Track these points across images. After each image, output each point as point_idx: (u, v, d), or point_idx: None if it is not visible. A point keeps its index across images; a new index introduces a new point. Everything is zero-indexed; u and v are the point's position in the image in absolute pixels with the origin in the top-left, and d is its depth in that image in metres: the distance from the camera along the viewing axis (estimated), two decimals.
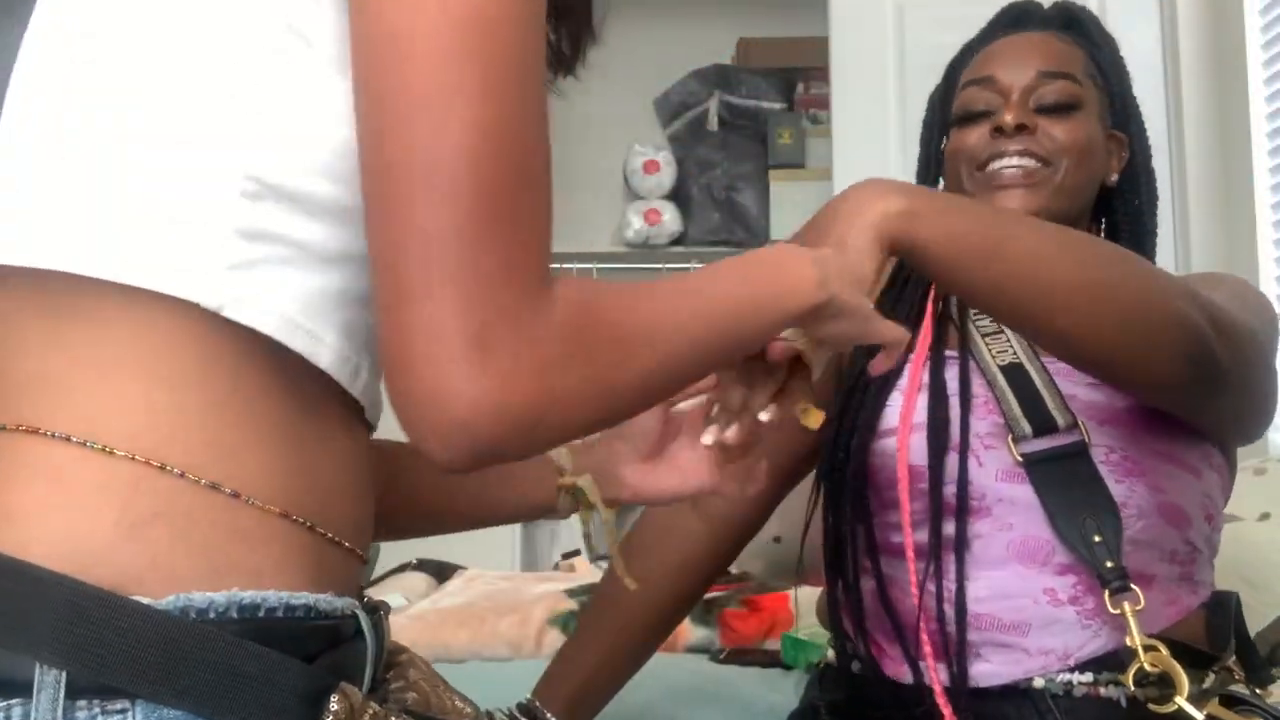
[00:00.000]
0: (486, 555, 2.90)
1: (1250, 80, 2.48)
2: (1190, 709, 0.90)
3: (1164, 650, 0.93)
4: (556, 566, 2.87)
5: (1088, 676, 0.98)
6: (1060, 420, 1.04)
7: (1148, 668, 0.92)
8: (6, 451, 0.56)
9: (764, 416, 0.77)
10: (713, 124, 3.95)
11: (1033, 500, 1.02)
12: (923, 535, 1.05)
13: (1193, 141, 2.61)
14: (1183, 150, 2.63)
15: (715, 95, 3.97)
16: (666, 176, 3.94)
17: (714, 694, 1.42)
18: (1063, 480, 1.01)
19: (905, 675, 1.04)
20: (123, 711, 0.52)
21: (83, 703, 0.52)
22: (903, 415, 1.09)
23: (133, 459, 0.55)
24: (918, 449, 1.06)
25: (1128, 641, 0.94)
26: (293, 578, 0.59)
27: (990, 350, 1.11)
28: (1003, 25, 1.26)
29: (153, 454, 0.56)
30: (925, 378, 1.11)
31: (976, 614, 1.01)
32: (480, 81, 0.54)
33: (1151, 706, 0.92)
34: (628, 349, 0.59)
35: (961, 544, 1.04)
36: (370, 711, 0.58)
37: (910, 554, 1.03)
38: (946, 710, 0.97)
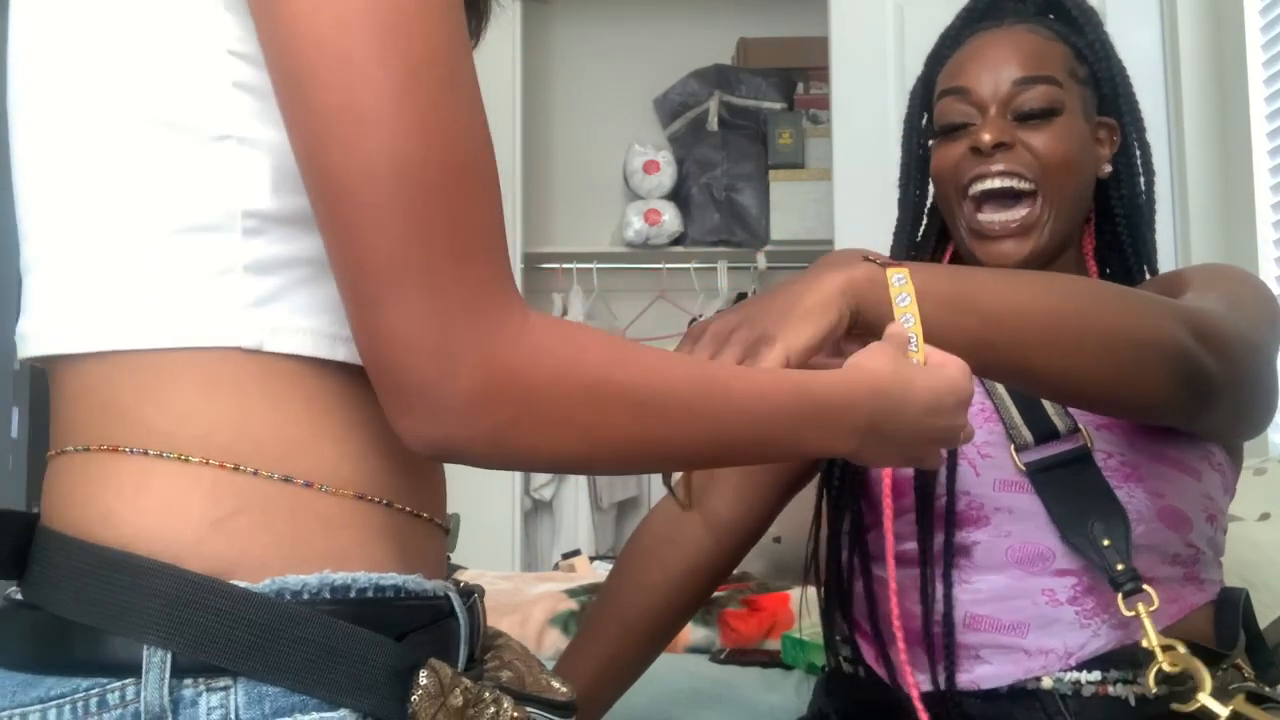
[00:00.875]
0: (486, 555, 2.90)
1: (1250, 80, 2.48)
2: (1214, 705, 0.90)
3: (1182, 649, 0.93)
4: (556, 566, 2.87)
5: (1095, 675, 0.98)
6: (1061, 426, 1.03)
7: (1167, 668, 0.92)
8: (93, 467, 0.60)
9: None
10: (713, 124, 3.95)
11: (1035, 508, 1.02)
12: (916, 545, 1.05)
13: (1193, 141, 2.61)
14: (1183, 150, 2.63)
15: (715, 95, 3.97)
16: (666, 176, 3.94)
17: (714, 694, 1.42)
18: (1067, 487, 1.00)
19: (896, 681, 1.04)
20: (225, 689, 0.56)
21: (188, 681, 0.56)
22: None
23: (206, 463, 0.59)
24: None
25: (1144, 643, 0.93)
26: (378, 557, 0.61)
27: None
28: (977, 15, 1.22)
29: (224, 457, 0.59)
30: None
31: (975, 615, 1.01)
32: (394, 85, 0.54)
33: (1175, 706, 0.92)
34: (615, 411, 0.59)
35: (950, 556, 1.03)
36: (461, 686, 0.59)
37: (891, 566, 1.03)
38: (924, 716, 0.97)
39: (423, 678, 0.58)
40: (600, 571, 2.26)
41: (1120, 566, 0.96)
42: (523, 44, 3.69)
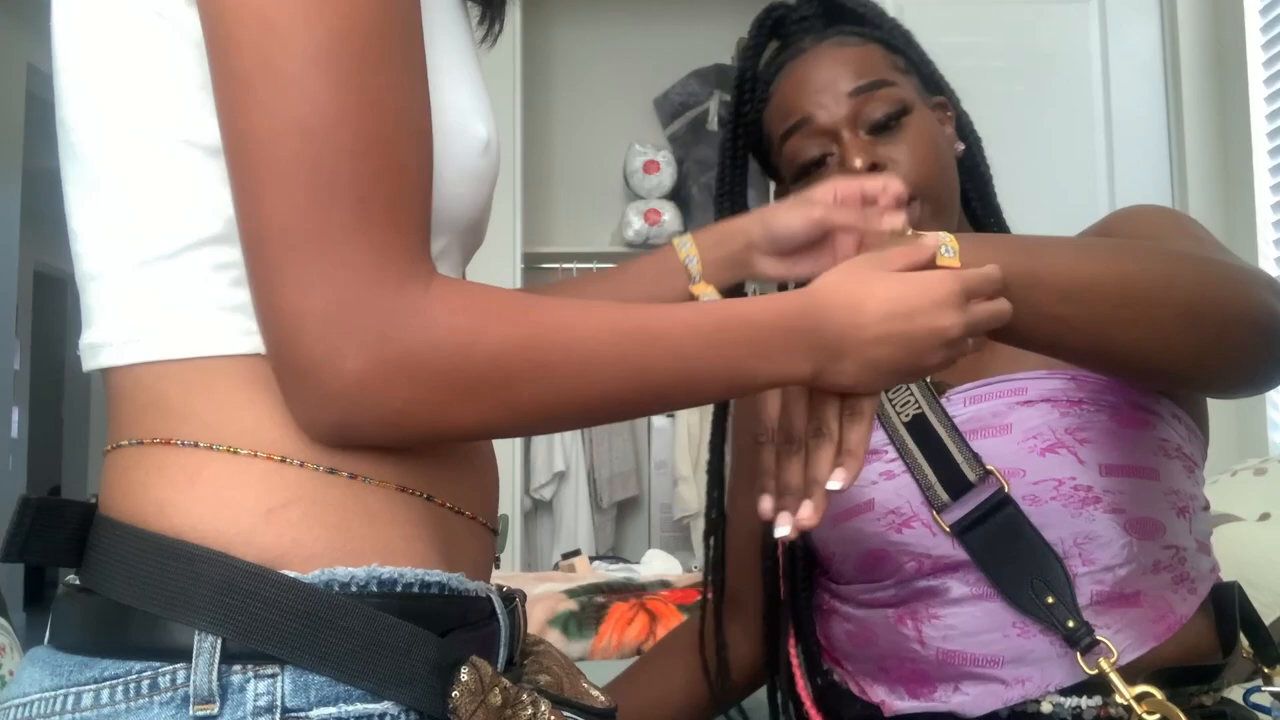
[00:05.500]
0: None
1: (1250, 80, 2.49)
2: None
3: (1159, 695, 0.90)
4: (556, 566, 2.87)
5: (1096, 700, 0.95)
6: (971, 475, 0.98)
7: (1146, 718, 0.89)
8: (147, 459, 0.62)
9: (835, 485, 0.71)
10: (713, 124, 3.95)
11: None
12: (890, 592, 1.03)
13: (1193, 141, 2.62)
14: (1183, 150, 2.63)
15: (715, 95, 3.97)
16: (666, 176, 3.94)
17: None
18: (997, 543, 0.97)
19: (874, 697, 1.03)
20: (273, 675, 0.57)
21: (237, 666, 0.57)
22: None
23: (255, 455, 0.60)
24: (870, 530, 1.03)
25: (1118, 698, 0.91)
26: (422, 552, 0.62)
27: (894, 405, 1.03)
28: (777, 49, 1.12)
29: (272, 449, 0.60)
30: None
31: (947, 650, 0.99)
32: (313, 50, 0.55)
33: None
34: (515, 376, 0.58)
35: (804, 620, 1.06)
36: (500, 685, 0.60)
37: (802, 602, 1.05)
38: None
39: (464, 674, 0.59)
40: (600, 572, 2.26)
41: (1071, 624, 0.93)
42: (523, 44, 3.69)
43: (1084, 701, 0.94)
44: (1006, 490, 0.97)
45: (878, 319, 0.69)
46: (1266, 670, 1.00)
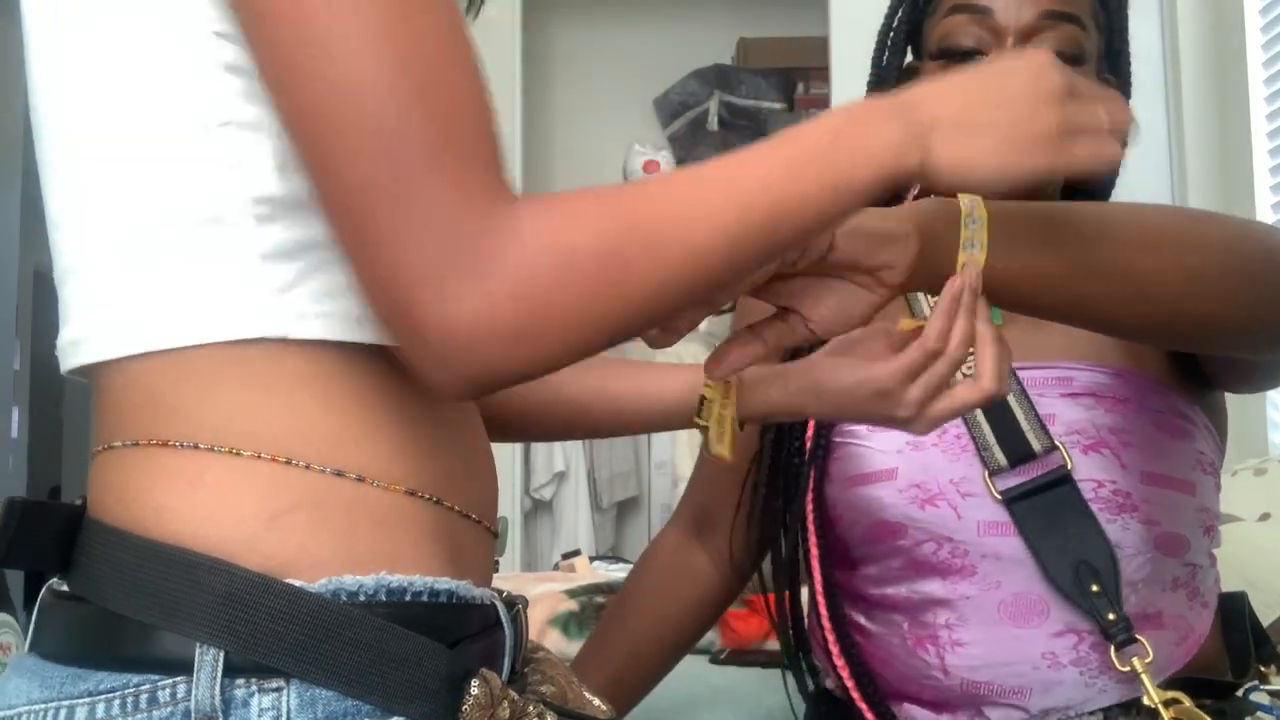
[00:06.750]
0: None
1: (1250, 80, 2.48)
2: None
3: (1187, 701, 0.87)
4: (556, 566, 2.86)
5: (1098, 718, 0.93)
6: (1037, 445, 0.94)
7: None
8: (144, 462, 0.59)
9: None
10: (713, 124, 3.95)
11: (1020, 553, 0.94)
12: (902, 590, 1.00)
13: (1193, 141, 2.61)
14: (1183, 150, 2.62)
15: (715, 95, 3.97)
16: None
17: (713, 695, 1.42)
18: (1050, 519, 0.92)
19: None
20: (278, 689, 0.55)
21: (241, 680, 0.55)
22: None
23: (258, 457, 0.58)
24: (890, 501, 0.99)
25: (1145, 700, 0.88)
26: (431, 560, 0.60)
27: None
28: None
29: (275, 451, 0.58)
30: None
31: (973, 681, 0.96)
32: (377, 13, 0.52)
33: None
34: (626, 263, 0.54)
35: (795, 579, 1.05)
36: (509, 699, 0.59)
37: (821, 598, 1.02)
38: None
39: (474, 687, 0.57)
40: (600, 572, 2.25)
41: (1111, 616, 0.90)
42: (523, 44, 3.69)
43: (1088, 716, 0.93)
44: (1069, 469, 0.93)
45: (965, 99, 0.65)
46: (1262, 669, 0.99)
